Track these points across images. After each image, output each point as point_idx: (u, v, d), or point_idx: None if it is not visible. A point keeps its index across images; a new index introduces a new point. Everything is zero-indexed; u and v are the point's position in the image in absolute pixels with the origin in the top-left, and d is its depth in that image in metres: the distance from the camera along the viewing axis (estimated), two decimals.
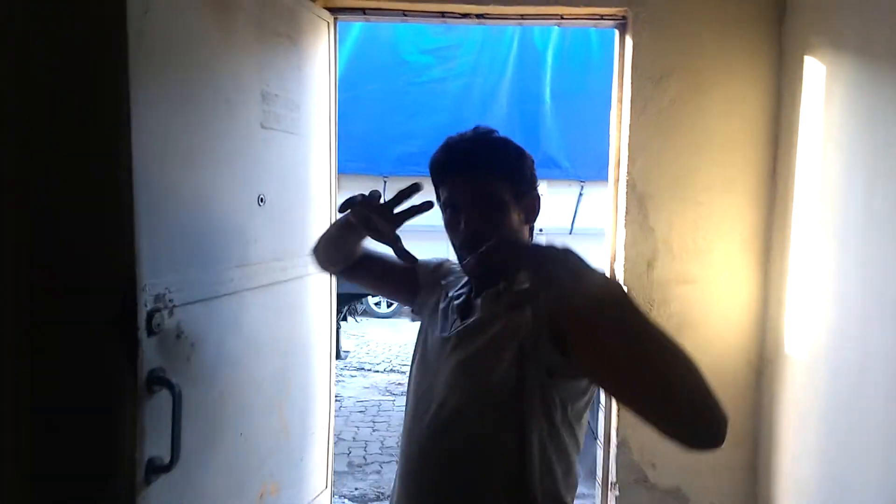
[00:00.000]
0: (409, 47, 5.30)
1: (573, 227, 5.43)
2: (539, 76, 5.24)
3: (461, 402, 1.21)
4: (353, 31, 5.19)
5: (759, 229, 2.33)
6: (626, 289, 0.86)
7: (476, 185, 1.22)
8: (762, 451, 2.38)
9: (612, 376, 0.96)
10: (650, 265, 2.33)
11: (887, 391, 1.66)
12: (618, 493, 2.41)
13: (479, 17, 2.33)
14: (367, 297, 7.95)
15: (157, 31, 1.39)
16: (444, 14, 2.33)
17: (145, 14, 1.34)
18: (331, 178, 2.32)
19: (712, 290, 2.34)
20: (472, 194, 1.22)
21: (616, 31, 2.34)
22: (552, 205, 5.39)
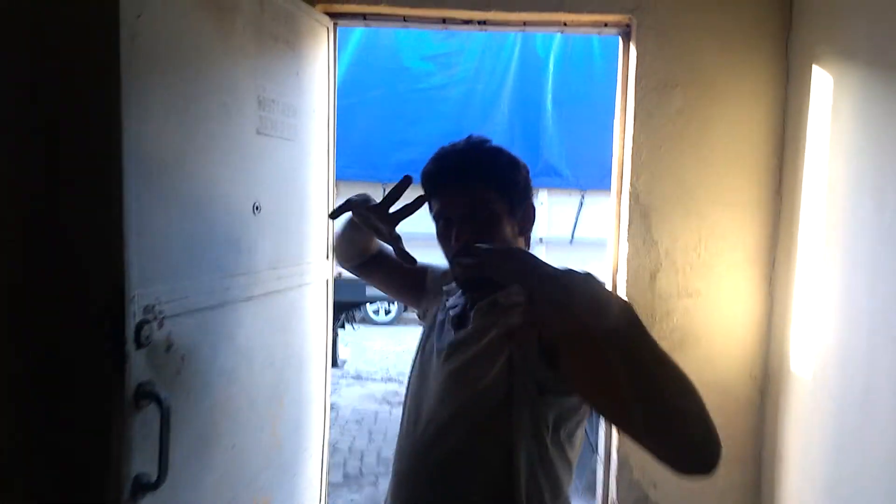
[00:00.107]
0: (410, 54, 5.26)
1: (573, 236, 5.38)
2: (540, 84, 5.21)
3: (449, 416, 1.19)
4: (354, 37, 5.16)
5: (763, 243, 2.29)
6: (629, 308, 0.79)
7: (467, 197, 1.19)
8: (766, 470, 2.33)
9: (606, 399, 0.93)
10: (653, 278, 2.29)
11: None
12: None
13: (480, 23, 2.30)
14: (366, 305, 7.90)
15: (150, 35, 1.35)
16: (445, 20, 2.30)
17: (138, 17, 1.31)
18: (328, 186, 2.28)
19: (716, 304, 2.30)
20: (464, 206, 1.20)
21: (620, 38, 2.31)
22: (552, 214, 5.36)
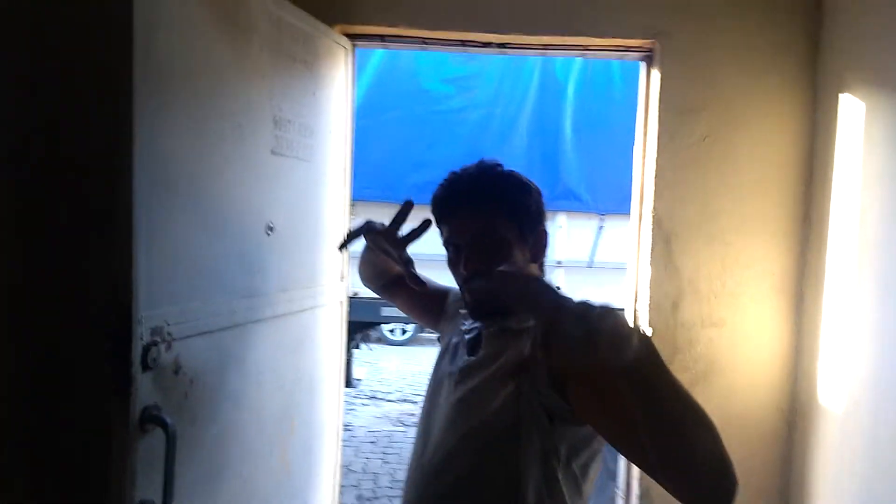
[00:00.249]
0: (430, 76, 5.28)
1: (592, 260, 5.32)
2: (560, 108, 5.20)
3: (456, 443, 1.15)
4: (374, 59, 5.20)
5: (791, 273, 2.22)
6: (647, 342, 0.76)
7: (476, 223, 1.17)
8: None
9: (617, 432, 0.90)
10: (675, 306, 2.23)
11: None
12: None
13: (500, 46, 2.28)
14: (382, 325, 7.86)
15: (164, 53, 1.34)
16: (464, 43, 2.28)
17: (152, 34, 1.29)
18: (344, 207, 2.25)
19: (741, 334, 2.23)
20: (473, 233, 1.17)
21: (642, 63, 2.27)
22: (571, 238, 5.31)
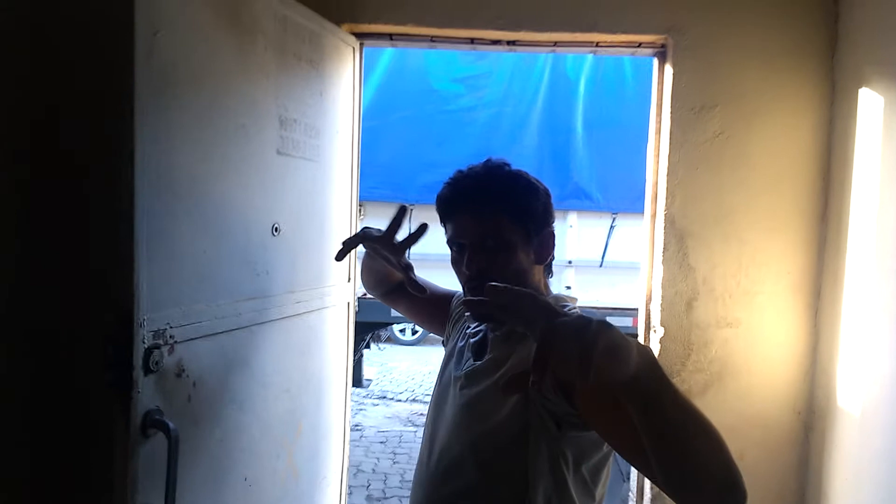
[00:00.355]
0: (440, 75, 5.26)
1: (603, 259, 5.28)
2: (571, 106, 5.16)
3: (462, 449, 1.14)
4: (384, 59, 5.18)
5: (808, 272, 2.16)
6: (647, 354, 0.75)
7: (481, 224, 1.15)
8: None
9: (623, 444, 0.90)
10: (689, 306, 2.18)
11: None
12: None
13: (510, 43, 2.24)
14: (392, 325, 7.86)
15: (166, 53, 1.32)
16: (473, 40, 2.25)
17: (155, 35, 1.27)
18: (351, 208, 2.23)
19: (757, 334, 2.18)
20: (476, 233, 1.16)
21: (655, 59, 2.23)
22: (582, 237, 5.27)
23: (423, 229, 1.27)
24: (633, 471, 2.42)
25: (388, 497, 4.33)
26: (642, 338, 2.32)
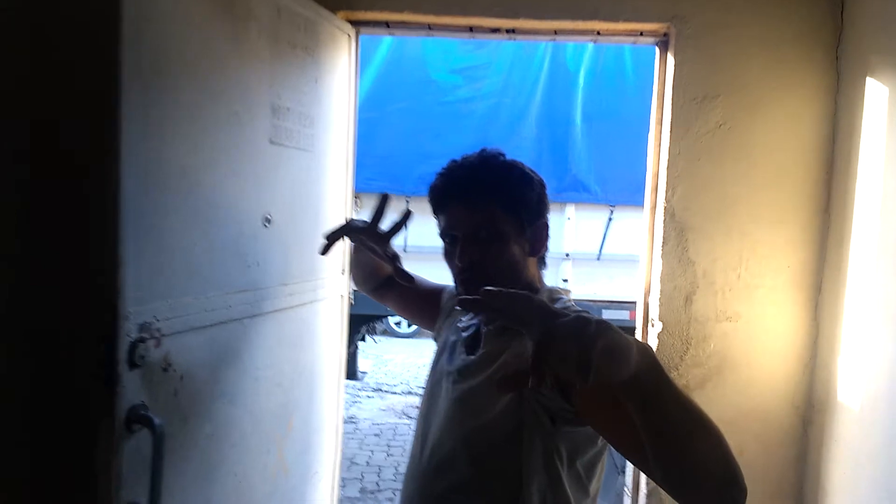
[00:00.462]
0: (438, 66, 5.20)
1: (601, 252, 5.24)
2: (570, 98, 5.11)
3: (455, 445, 1.12)
4: (381, 49, 5.12)
5: (810, 264, 2.13)
6: (647, 353, 0.75)
7: (473, 215, 1.13)
8: None
9: (622, 442, 0.89)
10: (688, 300, 2.15)
11: None
12: None
13: (509, 31, 2.20)
14: (388, 317, 7.83)
15: (155, 39, 1.28)
16: (472, 28, 2.20)
17: (142, 21, 1.23)
18: (346, 199, 2.19)
19: (757, 329, 2.15)
20: (469, 224, 1.14)
21: (657, 48, 2.18)
22: (580, 229, 5.24)
23: (407, 216, 1.27)
24: (629, 464, 2.40)
25: (383, 489, 4.32)
26: (640, 332, 2.29)
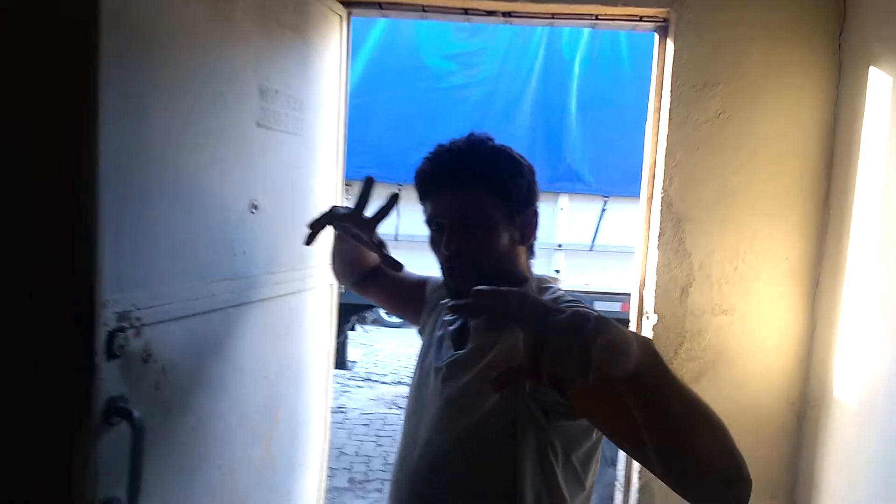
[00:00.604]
0: (432, 52, 5.13)
1: (594, 243, 5.21)
2: (565, 86, 5.05)
3: (446, 446, 1.09)
4: (374, 33, 5.04)
5: (808, 257, 2.10)
6: (647, 346, 0.73)
7: (461, 201, 1.09)
8: (800, 503, 2.14)
9: (623, 437, 0.87)
10: (684, 292, 2.12)
11: None
12: None
13: (505, 15, 2.14)
14: (378, 307, 7.79)
15: (135, 17, 1.21)
16: (467, 11, 2.14)
17: None
18: (337, 186, 2.14)
19: (753, 322, 2.11)
20: (456, 211, 1.10)
21: (655, 34, 2.13)
22: (573, 220, 5.20)
23: (394, 200, 1.22)
24: (621, 457, 2.37)
25: (371, 480, 4.31)
26: (634, 324, 2.26)
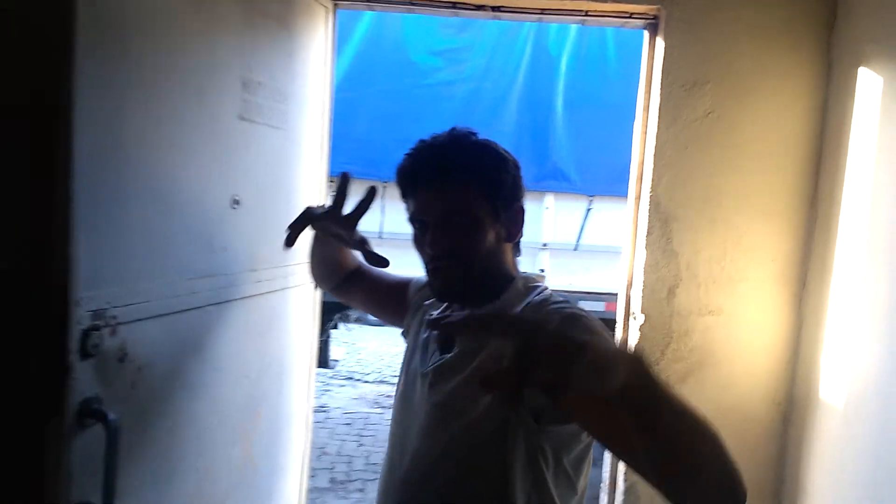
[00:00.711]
0: (418, 47, 5.08)
1: (578, 243, 5.20)
2: (552, 84, 5.03)
3: (436, 453, 1.06)
4: (360, 28, 4.98)
5: (795, 257, 2.09)
6: (636, 359, 0.71)
7: (445, 199, 1.06)
8: None
9: (616, 448, 0.86)
10: (671, 292, 2.10)
11: None
12: None
13: (494, 9, 2.10)
14: None
15: (113, 4, 1.17)
16: (455, 4, 2.10)
17: None
18: (321, 182, 2.09)
19: (739, 323, 2.11)
20: (440, 209, 1.06)
21: (645, 32, 2.11)
22: (558, 219, 5.18)
23: (372, 194, 1.19)
24: (606, 456, 2.34)
25: (353, 480, 4.26)
26: (621, 324, 2.24)
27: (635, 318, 2.14)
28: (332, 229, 1.25)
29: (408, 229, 1.16)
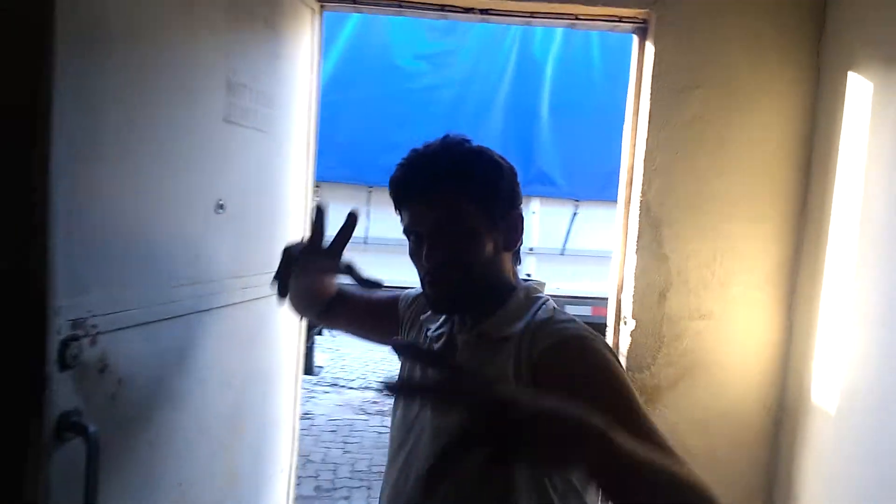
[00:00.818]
0: (403, 51, 5.06)
1: (564, 248, 5.20)
2: (537, 88, 5.04)
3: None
4: (345, 31, 4.95)
5: (785, 263, 2.09)
6: (600, 437, 0.68)
7: (440, 209, 1.03)
8: None
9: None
10: (662, 297, 2.09)
11: None
12: None
13: (483, 12, 2.09)
14: None
15: (93, 3, 1.13)
16: (443, 7, 2.08)
17: None
18: (307, 186, 2.06)
19: (730, 327, 2.10)
20: (436, 220, 1.03)
21: (635, 36, 2.10)
22: (544, 224, 5.18)
23: (353, 219, 1.16)
24: None
25: (338, 487, 4.21)
26: (612, 329, 2.22)
27: (626, 322, 2.13)
28: (318, 262, 1.21)
29: (394, 234, 1.12)
